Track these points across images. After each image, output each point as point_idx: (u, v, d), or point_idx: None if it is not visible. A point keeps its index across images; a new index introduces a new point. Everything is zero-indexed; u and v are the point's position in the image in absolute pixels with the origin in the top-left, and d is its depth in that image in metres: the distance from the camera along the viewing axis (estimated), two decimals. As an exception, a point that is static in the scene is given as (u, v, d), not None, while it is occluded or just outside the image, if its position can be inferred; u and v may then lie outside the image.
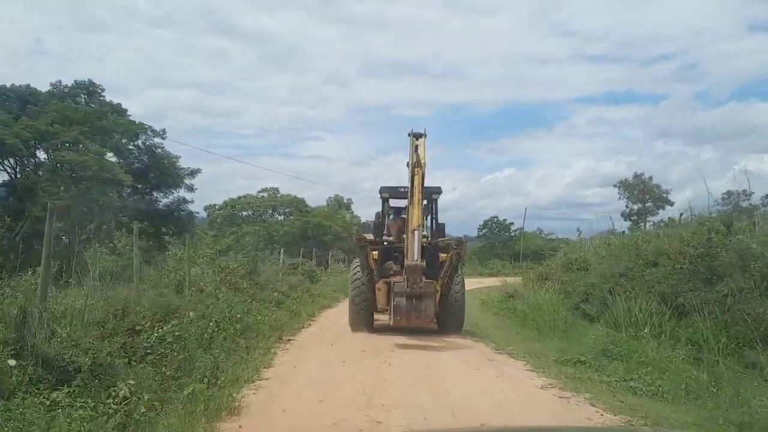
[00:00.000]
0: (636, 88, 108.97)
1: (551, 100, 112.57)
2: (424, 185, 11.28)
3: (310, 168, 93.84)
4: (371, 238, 12.68)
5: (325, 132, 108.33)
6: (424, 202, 11.89)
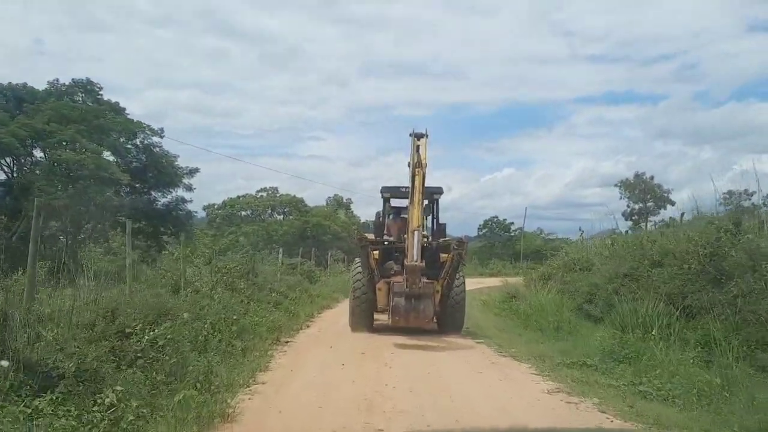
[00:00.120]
0: (636, 88, 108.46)
1: (551, 100, 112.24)
2: (425, 185, 11.21)
3: (309, 168, 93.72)
4: (372, 238, 12.63)
5: (325, 132, 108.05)
6: (425, 203, 11.81)
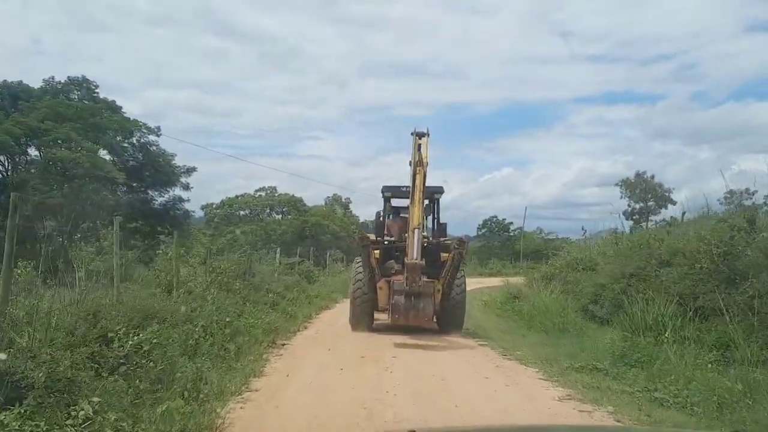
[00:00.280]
0: (634, 88, 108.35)
1: (550, 100, 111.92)
2: (426, 185, 11.18)
3: (308, 168, 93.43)
4: (373, 237, 12.60)
5: (324, 132, 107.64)
6: (426, 202, 11.77)
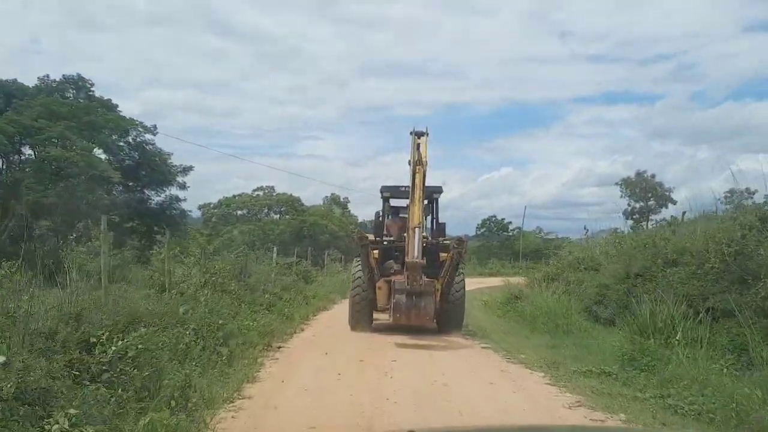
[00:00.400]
0: (633, 88, 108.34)
1: (549, 99, 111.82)
2: (425, 184, 11.18)
3: (307, 168, 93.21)
4: (372, 237, 12.55)
5: (323, 132, 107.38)
6: (425, 202, 11.78)
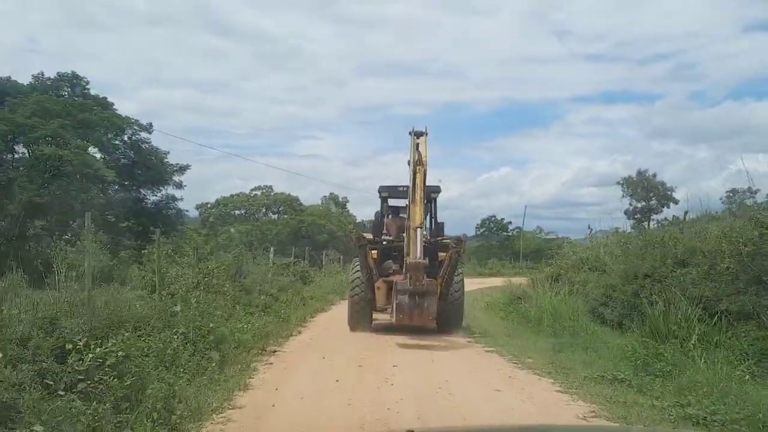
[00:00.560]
0: (633, 88, 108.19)
1: (549, 99, 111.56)
2: (425, 184, 11.17)
3: (306, 168, 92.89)
4: (370, 237, 12.49)
5: (322, 131, 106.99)
6: (424, 202, 11.68)
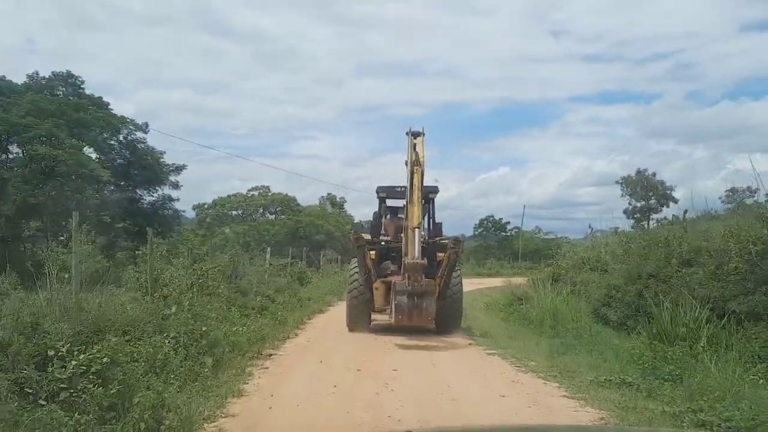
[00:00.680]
0: (630, 88, 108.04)
1: (547, 99, 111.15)
2: (423, 184, 11.19)
3: (304, 168, 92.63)
4: (368, 237, 12.41)
5: (320, 132, 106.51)
6: (422, 202, 11.72)
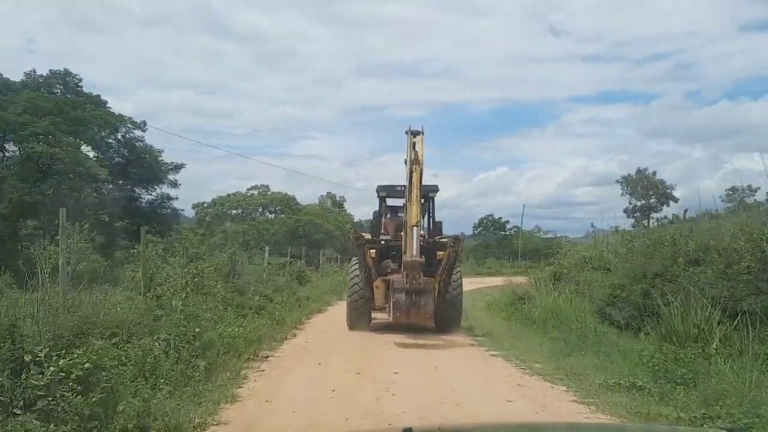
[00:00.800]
0: (629, 88, 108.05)
1: (546, 99, 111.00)
2: (422, 183, 11.23)
3: (303, 168, 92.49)
4: (369, 236, 12.41)
5: (319, 132, 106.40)
6: (421, 201, 11.84)
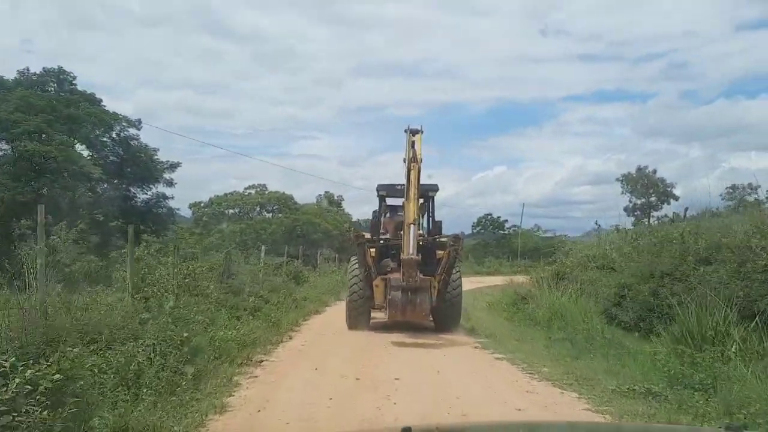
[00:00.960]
0: (627, 87, 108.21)
1: (543, 98, 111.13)
2: (421, 183, 11.27)
3: (303, 168, 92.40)
4: (368, 235, 12.35)
5: (319, 132, 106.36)
6: (421, 201, 11.88)
